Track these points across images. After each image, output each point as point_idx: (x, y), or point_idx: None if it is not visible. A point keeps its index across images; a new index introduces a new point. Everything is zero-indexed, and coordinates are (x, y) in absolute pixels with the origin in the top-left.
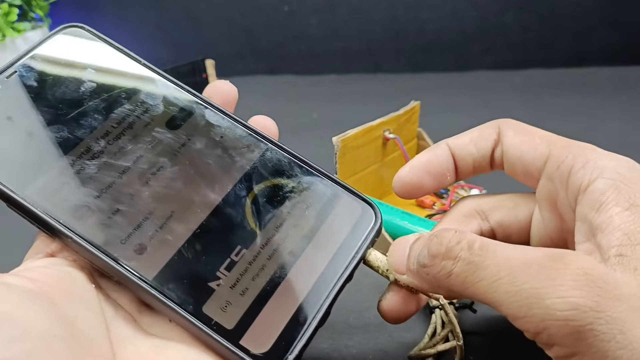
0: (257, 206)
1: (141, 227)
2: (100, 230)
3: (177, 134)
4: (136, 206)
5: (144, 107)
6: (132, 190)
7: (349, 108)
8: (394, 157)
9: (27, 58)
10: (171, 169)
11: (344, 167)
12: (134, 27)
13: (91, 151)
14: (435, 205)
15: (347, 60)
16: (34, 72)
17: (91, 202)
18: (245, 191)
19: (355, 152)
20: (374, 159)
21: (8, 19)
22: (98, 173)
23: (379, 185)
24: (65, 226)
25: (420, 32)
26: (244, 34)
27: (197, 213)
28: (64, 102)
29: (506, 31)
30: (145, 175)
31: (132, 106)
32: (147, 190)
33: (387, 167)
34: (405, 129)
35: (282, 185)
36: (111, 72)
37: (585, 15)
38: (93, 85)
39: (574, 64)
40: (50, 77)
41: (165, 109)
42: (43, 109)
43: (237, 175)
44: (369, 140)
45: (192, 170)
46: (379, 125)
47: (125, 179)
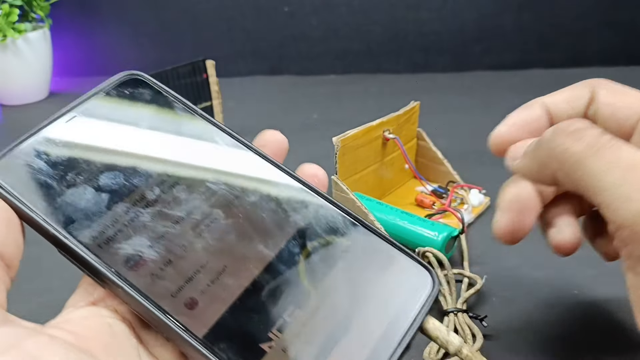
0: (310, 265)
1: (193, 281)
2: (151, 281)
3: (230, 186)
4: (188, 258)
5: (204, 158)
6: (185, 242)
7: (348, 108)
8: (394, 157)
9: (86, 104)
10: (224, 222)
11: (343, 167)
12: (134, 28)
13: (145, 199)
14: (435, 205)
15: (347, 60)
16: (92, 118)
17: (143, 251)
18: (299, 248)
19: (355, 152)
20: (374, 159)
21: (9, 20)
22: (151, 222)
23: (379, 185)
24: (116, 275)
25: (419, 33)
26: (244, 34)
27: (249, 269)
28: (120, 149)
29: (505, 32)
30: (198, 227)
31: (191, 158)
32: (200, 242)
33: (387, 167)
34: (405, 129)
35: (337, 243)
36: (167, 121)
37: (584, 16)
38: (149, 134)
39: (573, 65)
40: (108, 123)
41: (224, 163)
42: (99, 155)
43: (291, 232)
44: (368, 140)
45: (245, 224)
46: (378, 126)
47: (178, 230)
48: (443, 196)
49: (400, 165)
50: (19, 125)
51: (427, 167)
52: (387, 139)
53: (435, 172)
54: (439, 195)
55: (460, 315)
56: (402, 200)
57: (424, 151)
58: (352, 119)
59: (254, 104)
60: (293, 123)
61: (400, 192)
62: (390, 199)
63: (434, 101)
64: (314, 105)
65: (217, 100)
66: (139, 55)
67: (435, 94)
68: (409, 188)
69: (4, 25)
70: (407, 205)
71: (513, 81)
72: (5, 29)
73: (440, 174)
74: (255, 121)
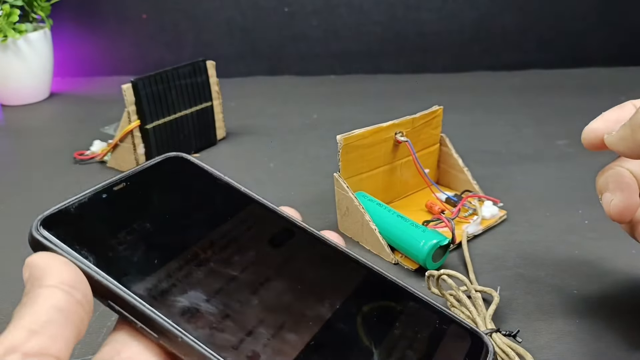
0: (363, 328)
1: (253, 335)
2: (210, 332)
3: (281, 251)
4: (246, 314)
5: (247, 224)
6: (242, 298)
7: (348, 109)
8: (410, 161)
9: (133, 176)
10: (274, 283)
11: (347, 165)
12: (134, 28)
13: (198, 258)
14: (445, 213)
15: (347, 61)
16: (140, 187)
17: (200, 304)
18: (355, 309)
19: (360, 152)
20: (383, 161)
21: (9, 20)
22: (205, 279)
23: (391, 187)
24: (175, 325)
25: (419, 33)
26: (244, 35)
27: (308, 325)
28: (170, 213)
29: (505, 32)
30: (253, 286)
31: (236, 222)
32: (256, 300)
33: (398, 170)
34: (424, 133)
35: (388, 308)
36: (217, 194)
37: (583, 17)
38: (194, 201)
39: (572, 65)
40: (156, 191)
41: (266, 229)
42: (151, 219)
43: (344, 294)
44: (377, 141)
45: (297, 286)
46: (389, 127)
47: (232, 287)
48: (456, 205)
49: (413, 170)
50: (20, 125)
51: (448, 174)
52: (399, 142)
53: (456, 180)
54: (453, 204)
55: (495, 335)
56: (413, 204)
57: (445, 157)
58: (352, 119)
59: (254, 104)
60: (293, 123)
61: (416, 196)
62: (403, 202)
63: (433, 102)
64: (313, 105)
65: (217, 101)
66: (139, 55)
67: (435, 95)
68: (427, 193)
69: (4, 26)
70: (417, 210)
71: (512, 81)
72: (6, 29)
73: (460, 182)
74: (255, 121)
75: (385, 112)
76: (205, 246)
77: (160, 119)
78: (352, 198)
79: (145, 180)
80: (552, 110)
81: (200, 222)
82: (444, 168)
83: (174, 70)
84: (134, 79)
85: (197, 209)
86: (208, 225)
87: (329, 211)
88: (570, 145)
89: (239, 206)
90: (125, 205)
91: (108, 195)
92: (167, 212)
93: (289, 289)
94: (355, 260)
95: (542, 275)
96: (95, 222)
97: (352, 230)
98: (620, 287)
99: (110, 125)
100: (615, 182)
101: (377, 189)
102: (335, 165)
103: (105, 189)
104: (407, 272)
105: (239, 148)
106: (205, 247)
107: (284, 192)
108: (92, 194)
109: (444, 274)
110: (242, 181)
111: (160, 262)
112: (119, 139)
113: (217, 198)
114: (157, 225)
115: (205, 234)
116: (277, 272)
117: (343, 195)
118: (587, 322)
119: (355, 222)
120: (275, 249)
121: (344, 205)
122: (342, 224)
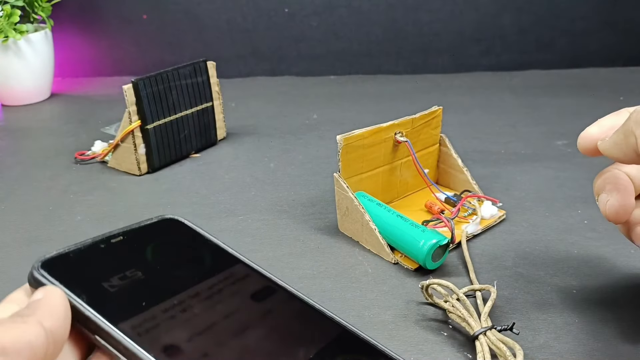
0: None
1: None
2: None
3: (261, 305)
4: (222, 355)
5: (231, 280)
6: (218, 342)
7: (348, 109)
8: (410, 161)
9: (130, 232)
10: (250, 332)
11: (347, 165)
12: (135, 29)
13: (182, 304)
14: (444, 213)
15: (347, 61)
16: (138, 241)
17: (179, 344)
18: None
19: (360, 152)
20: (383, 161)
21: (10, 21)
22: (185, 322)
23: (392, 186)
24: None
25: (419, 34)
26: (244, 35)
27: None
28: (161, 267)
29: (504, 33)
30: (229, 332)
31: (221, 277)
32: (231, 345)
33: (398, 170)
34: (423, 133)
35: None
36: (205, 253)
37: (582, 17)
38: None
39: (571, 65)
40: (151, 246)
41: (249, 284)
42: (141, 268)
43: (314, 350)
44: (377, 141)
45: (273, 339)
46: (389, 127)
47: (209, 333)
48: (456, 204)
49: (413, 170)
50: (21, 126)
51: (448, 174)
52: (399, 142)
53: (455, 180)
54: (452, 204)
55: (489, 333)
56: (413, 204)
57: (445, 157)
58: (351, 120)
59: (254, 105)
60: (293, 123)
61: (415, 196)
62: (403, 201)
63: (433, 102)
64: (313, 105)
65: (217, 101)
66: (140, 56)
67: (435, 95)
68: (426, 193)
69: (5, 26)
70: (417, 210)
71: (512, 82)
72: (6, 29)
73: (460, 182)
74: (255, 121)
75: (385, 112)
76: (189, 295)
77: (161, 119)
78: (352, 198)
79: (141, 236)
80: (551, 111)
81: (186, 275)
82: (443, 168)
83: (174, 71)
84: (134, 79)
85: (185, 264)
86: (193, 278)
87: (329, 211)
88: (570, 145)
89: (224, 264)
90: (119, 255)
91: (105, 245)
92: (157, 264)
93: (264, 339)
94: (330, 317)
95: (542, 275)
96: (90, 267)
97: (352, 230)
98: (619, 287)
99: (111, 125)
100: (612, 183)
101: (376, 189)
102: (335, 165)
103: (103, 240)
104: (406, 272)
105: (240, 148)
106: (189, 295)
107: (284, 192)
108: (91, 243)
109: (432, 284)
110: (242, 181)
111: (147, 305)
112: (120, 139)
113: (205, 256)
114: (146, 274)
115: (190, 285)
116: (254, 323)
117: (343, 195)
118: (586, 321)
119: (355, 222)
120: (255, 303)
121: (344, 205)
122: (342, 224)
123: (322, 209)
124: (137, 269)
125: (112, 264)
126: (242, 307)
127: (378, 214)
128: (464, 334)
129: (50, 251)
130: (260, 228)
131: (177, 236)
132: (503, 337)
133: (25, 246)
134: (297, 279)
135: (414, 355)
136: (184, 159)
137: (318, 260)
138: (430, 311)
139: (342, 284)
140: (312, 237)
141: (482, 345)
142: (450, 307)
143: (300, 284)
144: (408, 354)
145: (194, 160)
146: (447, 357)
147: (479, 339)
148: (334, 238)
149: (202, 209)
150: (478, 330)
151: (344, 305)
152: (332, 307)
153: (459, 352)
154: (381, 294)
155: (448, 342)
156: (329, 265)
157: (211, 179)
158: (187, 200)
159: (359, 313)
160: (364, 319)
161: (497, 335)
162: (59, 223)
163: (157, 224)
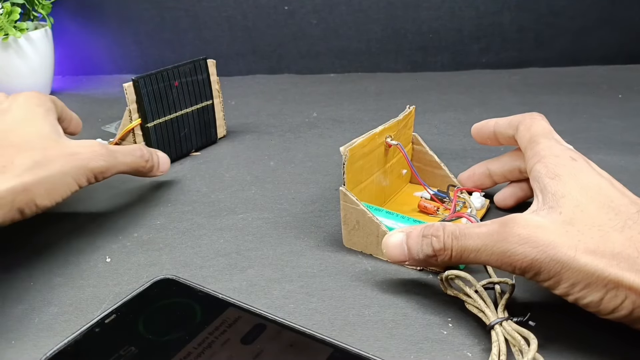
0: None
1: None
2: None
3: (251, 348)
4: None
5: (222, 329)
6: None
7: (348, 107)
8: (393, 164)
9: (125, 304)
10: None
11: (351, 176)
12: (135, 27)
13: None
14: (439, 211)
15: (347, 59)
16: (132, 314)
17: None
18: None
19: (360, 161)
20: (377, 167)
21: (10, 18)
22: None
23: (380, 193)
24: None
25: (418, 32)
26: (244, 33)
27: None
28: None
29: (504, 30)
30: None
31: (212, 330)
32: None
33: (388, 174)
34: (402, 134)
35: None
36: (196, 307)
37: (581, 15)
38: (179, 315)
39: (570, 63)
40: (143, 315)
41: (239, 328)
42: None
43: None
44: (373, 147)
45: None
46: (381, 132)
47: None
48: (444, 200)
49: (397, 172)
50: None
51: (424, 172)
52: (390, 145)
53: (433, 177)
54: (441, 200)
55: (505, 323)
56: (404, 207)
57: (420, 155)
58: (351, 118)
59: (254, 103)
60: (293, 121)
61: (399, 199)
62: (391, 206)
63: (432, 100)
64: (313, 103)
65: (218, 99)
66: (140, 54)
67: (434, 93)
68: (407, 194)
69: (5, 24)
70: (410, 212)
71: (511, 80)
72: (7, 27)
73: (438, 177)
74: (255, 119)
75: (384, 111)
76: (182, 356)
77: (162, 117)
78: (364, 211)
79: (133, 308)
80: (550, 108)
81: (179, 336)
82: (418, 167)
83: (174, 69)
84: (135, 77)
85: (178, 325)
86: (186, 336)
87: (329, 209)
88: (569, 142)
89: (216, 312)
90: (113, 335)
91: (100, 329)
92: (150, 335)
93: None
94: (322, 340)
95: None
96: (88, 356)
97: (363, 244)
98: None
99: (111, 123)
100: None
101: (371, 197)
102: (334, 164)
103: (97, 323)
104: (407, 271)
105: (240, 146)
106: (182, 357)
107: (285, 190)
108: (86, 330)
109: (450, 276)
110: (242, 180)
111: None
112: (120, 138)
113: (197, 310)
114: (140, 348)
115: (183, 344)
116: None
117: (352, 209)
118: None
119: (369, 235)
120: (246, 346)
121: (353, 219)
122: (349, 239)
123: (322, 207)
124: (131, 344)
125: (107, 347)
126: (236, 351)
127: (390, 220)
128: (464, 333)
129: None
130: (261, 226)
131: (169, 298)
132: (518, 328)
133: (25, 247)
134: (297, 277)
135: (414, 354)
136: (184, 157)
137: (318, 259)
138: (430, 310)
139: (342, 282)
140: (312, 235)
141: (498, 335)
142: (468, 298)
143: (300, 282)
144: (408, 352)
145: (194, 159)
146: (447, 355)
147: (494, 329)
148: (334, 236)
149: (202, 207)
150: (494, 320)
151: (344, 303)
152: (332, 305)
153: (459, 351)
154: (381, 292)
155: (448, 340)
156: (329, 264)
157: (211, 177)
158: (187, 199)
159: (359, 312)
160: (364, 317)
161: (513, 326)
162: None
163: (151, 288)
